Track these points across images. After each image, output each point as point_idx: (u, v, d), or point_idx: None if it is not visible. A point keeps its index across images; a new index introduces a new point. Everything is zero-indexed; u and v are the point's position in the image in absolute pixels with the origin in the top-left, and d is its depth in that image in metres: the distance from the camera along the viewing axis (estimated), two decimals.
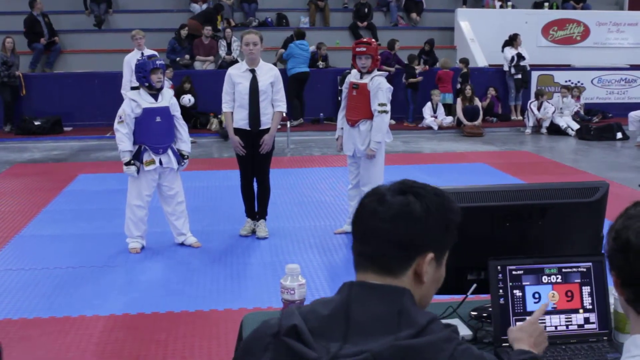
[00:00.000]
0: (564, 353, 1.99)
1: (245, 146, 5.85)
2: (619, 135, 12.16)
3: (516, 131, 13.30)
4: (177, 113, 5.77)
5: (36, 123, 12.34)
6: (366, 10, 15.53)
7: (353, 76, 6.03)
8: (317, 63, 13.75)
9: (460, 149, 11.24)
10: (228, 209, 6.95)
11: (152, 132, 5.57)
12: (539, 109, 12.99)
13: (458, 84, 13.54)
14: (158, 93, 5.62)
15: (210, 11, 14.62)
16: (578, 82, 14.46)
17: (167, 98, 5.69)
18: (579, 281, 2.07)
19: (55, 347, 4.02)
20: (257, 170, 6.00)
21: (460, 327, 2.13)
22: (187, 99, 11.94)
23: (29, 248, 5.96)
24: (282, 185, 7.95)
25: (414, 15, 16.21)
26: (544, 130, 12.98)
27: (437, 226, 1.42)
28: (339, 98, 11.20)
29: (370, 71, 5.87)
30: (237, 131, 5.86)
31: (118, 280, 5.16)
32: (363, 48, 5.84)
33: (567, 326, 2.05)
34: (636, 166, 9.76)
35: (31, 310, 4.55)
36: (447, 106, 13.40)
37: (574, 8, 16.54)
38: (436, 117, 13.16)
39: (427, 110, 13.20)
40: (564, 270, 2.07)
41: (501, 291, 2.04)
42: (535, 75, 14.47)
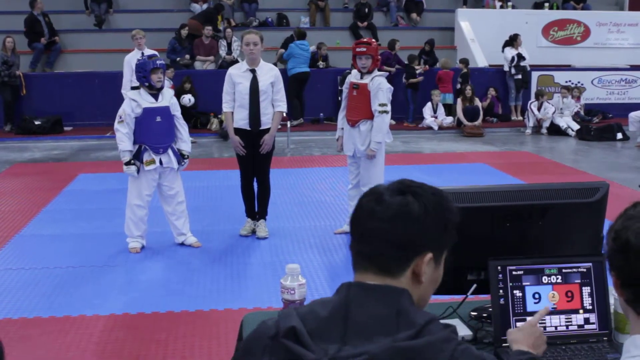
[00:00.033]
0: (564, 353, 1.99)
1: (245, 146, 5.86)
2: (619, 135, 12.16)
3: (516, 131, 13.31)
4: (178, 113, 5.77)
5: (36, 123, 12.35)
6: (366, 10, 15.54)
7: (353, 76, 6.03)
8: (318, 63, 13.75)
9: (460, 149, 11.24)
10: (228, 209, 6.95)
11: (153, 132, 5.57)
12: (539, 110, 12.99)
13: (458, 84, 13.54)
14: (158, 93, 5.62)
15: (210, 11, 14.62)
16: (578, 83, 14.46)
17: (168, 98, 5.69)
18: (579, 281, 2.07)
19: (55, 347, 4.02)
20: (257, 170, 6.00)
21: (460, 328, 2.13)
22: (188, 99, 11.94)
23: (29, 247, 5.97)
24: (282, 185, 7.95)
25: (414, 15, 16.22)
26: (544, 130, 12.98)
27: (436, 226, 1.42)
28: (339, 98, 11.20)
29: (370, 71, 5.87)
30: (238, 131, 5.86)
31: (118, 279, 5.17)
32: (363, 48, 5.84)
33: (567, 326, 2.06)
34: (636, 167, 9.76)
35: (31, 309, 4.55)
36: (447, 106, 13.40)
37: (574, 8, 16.54)
38: (436, 118, 13.16)
39: (427, 110, 13.20)
40: (564, 270, 2.07)
41: (501, 291, 2.04)
42: (535, 75, 14.48)
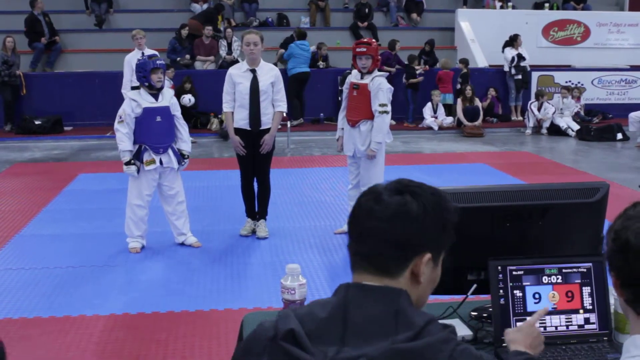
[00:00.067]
0: (564, 353, 1.99)
1: (245, 146, 5.86)
2: (619, 136, 12.16)
3: (516, 132, 13.31)
4: (178, 113, 5.77)
5: (37, 122, 12.35)
6: (367, 10, 15.54)
7: (354, 76, 6.03)
8: (318, 63, 13.76)
9: (460, 150, 11.24)
10: (228, 209, 6.95)
11: (153, 132, 5.57)
12: (539, 110, 13.00)
13: (458, 85, 13.55)
14: (158, 93, 5.62)
15: (210, 11, 14.62)
16: (578, 83, 14.47)
17: (168, 98, 5.69)
18: (579, 281, 2.07)
19: (55, 347, 4.03)
20: (258, 170, 6.00)
21: (460, 328, 2.13)
22: (188, 99, 11.94)
23: (29, 247, 5.97)
24: (283, 185, 7.95)
25: (414, 15, 16.22)
26: (544, 130, 12.98)
27: (434, 226, 1.41)
28: (339, 98, 11.21)
29: (370, 71, 5.87)
30: (238, 131, 5.86)
31: (118, 279, 5.17)
32: (363, 48, 5.83)
33: (568, 326, 2.06)
34: (636, 167, 9.76)
35: (31, 309, 4.56)
36: (448, 106, 13.41)
37: (575, 9, 16.54)
38: (436, 118, 13.16)
39: (428, 110, 13.20)
40: (564, 270, 2.07)
41: (501, 291, 2.04)
42: (535, 75, 14.48)
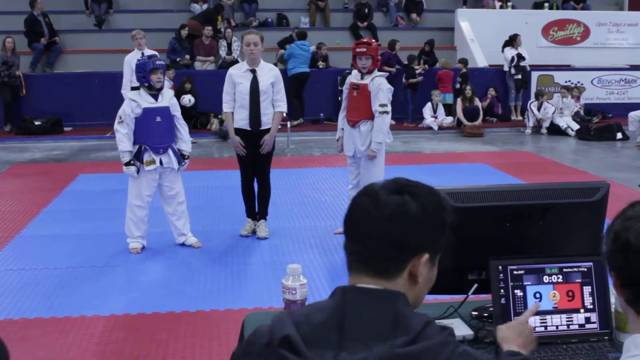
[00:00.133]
0: (565, 353, 1.99)
1: (245, 146, 5.86)
2: (619, 135, 12.17)
3: (516, 131, 13.31)
4: (178, 113, 5.77)
5: (36, 123, 12.35)
6: (366, 10, 15.54)
7: (354, 77, 6.03)
8: (318, 63, 13.76)
9: (460, 149, 11.24)
10: (228, 209, 6.95)
11: (153, 132, 5.57)
12: (539, 109, 13.00)
13: (457, 84, 13.55)
14: (158, 93, 5.62)
15: (210, 11, 14.63)
16: (578, 83, 14.47)
17: (167, 98, 5.69)
18: (580, 281, 2.07)
19: (56, 347, 4.03)
20: (258, 170, 6.00)
21: (461, 327, 2.14)
22: (187, 99, 11.94)
23: (30, 248, 5.97)
24: (283, 185, 7.95)
25: (414, 15, 16.22)
26: (544, 130, 12.99)
27: (433, 226, 1.39)
28: (339, 98, 11.21)
29: (370, 72, 5.87)
30: (238, 131, 5.86)
31: (118, 280, 5.17)
32: (363, 48, 5.83)
33: (568, 326, 2.06)
34: (636, 166, 9.76)
35: (32, 310, 4.56)
36: (447, 106, 13.41)
37: (574, 8, 16.54)
38: (436, 118, 13.17)
39: (427, 110, 13.20)
40: (565, 270, 2.07)
41: (502, 291, 2.04)
42: (535, 75, 14.48)
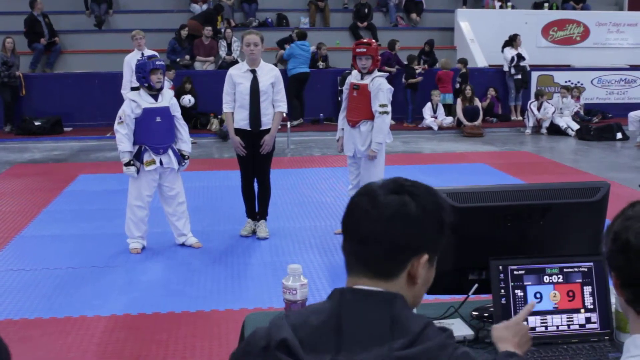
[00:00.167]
0: (566, 353, 1.99)
1: (245, 146, 5.86)
2: (619, 135, 12.17)
3: (516, 131, 13.31)
4: (178, 113, 5.77)
5: (36, 123, 12.35)
6: (366, 10, 15.54)
7: (354, 77, 6.03)
8: (317, 63, 13.76)
9: (460, 149, 11.25)
10: (228, 209, 6.95)
11: (153, 133, 5.57)
12: (539, 110, 13.00)
13: (457, 84, 13.55)
14: (158, 93, 5.62)
15: (210, 11, 14.63)
16: (578, 83, 14.47)
17: (167, 98, 5.69)
18: (581, 281, 2.07)
19: (56, 348, 4.03)
20: (258, 170, 6.00)
21: (462, 327, 2.14)
22: (187, 100, 11.94)
23: (30, 248, 5.97)
24: (283, 185, 7.95)
25: (414, 15, 16.22)
26: (544, 130, 12.99)
27: (433, 226, 1.38)
28: (339, 98, 11.22)
29: (370, 72, 5.87)
30: (238, 131, 5.86)
31: (119, 280, 5.17)
32: (363, 49, 5.83)
33: (569, 326, 2.06)
34: (636, 166, 9.77)
35: (32, 310, 4.56)
36: (447, 106, 13.41)
37: (574, 8, 16.55)
38: (436, 118, 13.17)
39: (427, 110, 13.20)
40: (566, 270, 2.07)
41: (503, 291, 2.04)
42: (535, 75, 14.49)
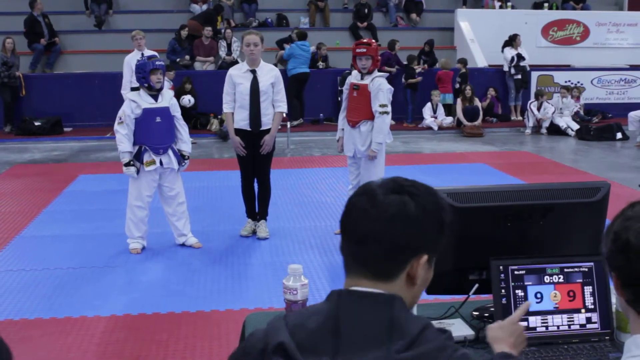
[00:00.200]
0: (566, 353, 1.99)
1: (245, 147, 5.86)
2: (619, 135, 12.17)
3: (516, 131, 13.31)
4: (178, 113, 5.77)
5: (36, 123, 12.35)
6: (366, 10, 15.54)
7: (353, 77, 6.03)
8: (317, 63, 13.76)
9: (460, 149, 11.25)
10: (228, 210, 6.95)
11: (152, 133, 5.57)
12: (539, 109, 13.00)
13: (457, 84, 13.55)
14: (158, 94, 5.63)
15: (210, 12, 14.63)
16: (578, 83, 14.47)
17: (167, 98, 5.69)
18: (581, 281, 2.07)
19: (56, 348, 4.03)
20: (258, 170, 6.00)
21: (462, 327, 2.14)
22: (187, 100, 11.94)
23: (30, 249, 5.97)
24: (283, 185, 7.95)
25: (414, 15, 16.22)
26: (544, 130, 12.99)
27: (432, 226, 1.37)
28: (339, 98, 11.22)
29: (370, 72, 5.87)
30: (238, 132, 5.86)
31: (119, 280, 5.17)
32: (363, 49, 5.83)
33: (569, 326, 2.06)
34: (636, 166, 9.77)
35: (32, 310, 4.56)
36: (447, 106, 13.41)
37: (574, 8, 16.55)
38: (436, 118, 13.17)
39: (427, 110, 13.20)
40: (566, 270, 2.07)
41: (503, 291, 2.04)
42: (535, 75, 14.49)
